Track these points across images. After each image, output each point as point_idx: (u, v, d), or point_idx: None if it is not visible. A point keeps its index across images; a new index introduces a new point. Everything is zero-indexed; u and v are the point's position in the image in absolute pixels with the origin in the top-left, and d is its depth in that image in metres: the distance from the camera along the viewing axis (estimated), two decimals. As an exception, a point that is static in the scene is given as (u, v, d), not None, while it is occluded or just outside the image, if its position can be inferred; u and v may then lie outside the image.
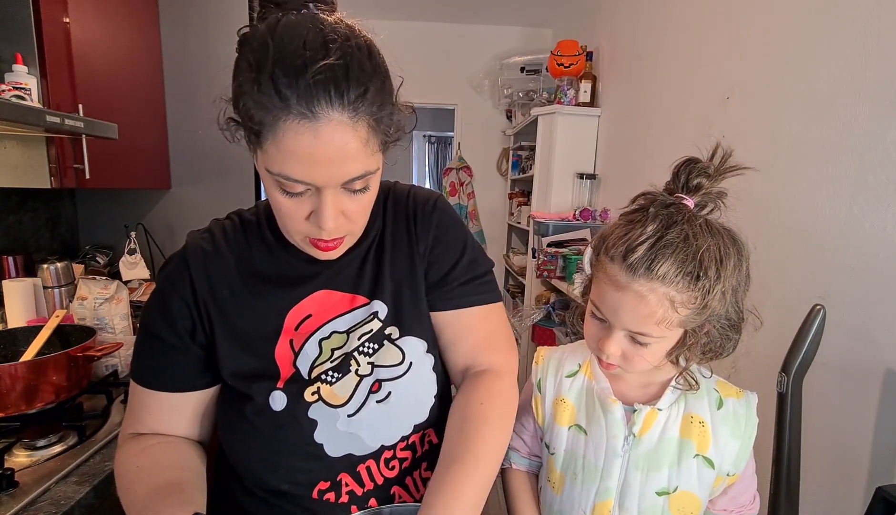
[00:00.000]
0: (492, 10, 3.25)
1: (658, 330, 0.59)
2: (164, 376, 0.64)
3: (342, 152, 0.51)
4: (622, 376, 0.70)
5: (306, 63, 0.48)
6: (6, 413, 0.92)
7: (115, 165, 1.53)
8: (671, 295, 0.57)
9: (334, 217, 0.55)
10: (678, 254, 0.56)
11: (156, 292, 0.65)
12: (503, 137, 3.68)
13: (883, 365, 0.94)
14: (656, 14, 1.92)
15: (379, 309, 0.66)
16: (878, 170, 0.96)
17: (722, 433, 0.65)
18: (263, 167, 0.53)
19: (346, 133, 0.50)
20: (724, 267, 0.57)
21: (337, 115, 0.49)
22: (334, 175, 0.52)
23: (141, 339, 0.66)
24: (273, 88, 0.48)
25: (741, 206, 1.28)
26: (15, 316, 1.30)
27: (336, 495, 0.63)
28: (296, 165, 0.50)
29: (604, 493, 0.67)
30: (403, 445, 0.66)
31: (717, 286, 0.56)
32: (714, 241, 0.58)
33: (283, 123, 0.49)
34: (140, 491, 0.56)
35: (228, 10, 1.82)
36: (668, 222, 0.58)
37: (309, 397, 0.61)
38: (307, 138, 0.49)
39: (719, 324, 0.62)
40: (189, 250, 0.66)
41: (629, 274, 0.58)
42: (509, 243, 3.78)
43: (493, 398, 0.66)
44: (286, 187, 0.53)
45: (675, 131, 1.73)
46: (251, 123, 0.50)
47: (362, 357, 0.65)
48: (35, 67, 1.21)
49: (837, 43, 1.06)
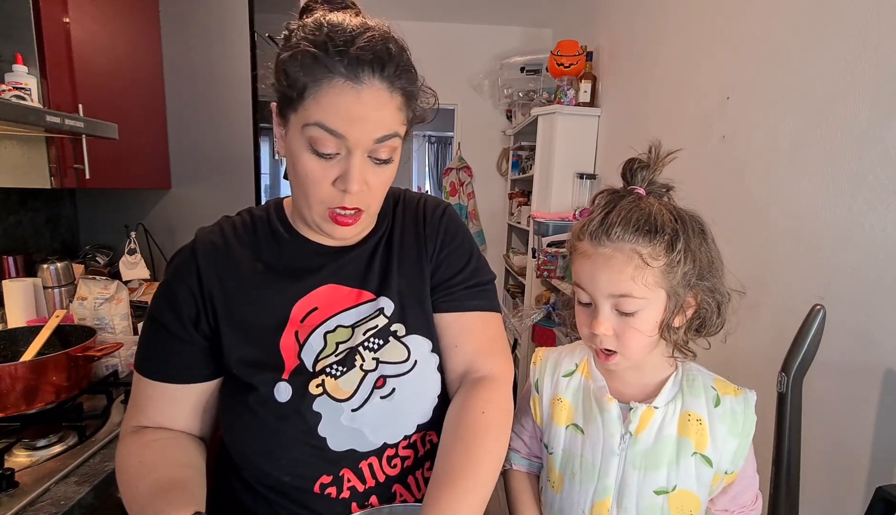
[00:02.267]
0: (492, 10, 3.25)
1: (637, 288, 0.61)
2: (167, 366, 0.65)
3: (377, 112, 0.57)
4: (619, 374, 0.70)
5: (354, 38, 0.56)
6: (6, 413, 0.92)
7: (115, 165, 1.53)
8: (637, 249, 0.61)
9: (360, 181, 0.59)
10: (631, 216, 0.62)
11: (164, 283, 0.67)
12: (503, 137, 3.68)
13: (883, 365, 0.94)
14: (656, 14, 1.92)
15: (385, 305, 0.68)
16: (878, 170, 0.96)
17: (720, 431, 0.65)
18: (299, 126, 0.58)
19: (383, 97, 0.57)
20: (681, 225, 0.62)
21: (378, 83, 0.57)
22: (366, 131, 0.57)
23: (146, 329, 0.67)
24: (325, 49, 0.55)
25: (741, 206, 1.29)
26: (15, 316, 1.30)
27: (337, 490, 0.63)
28: (333, 116, 0.56)
29: (602, 492, 0.67)
30: (406, 443, 0.67)
31: (678, 242, 0.61)
32: (666, 210, 0.63)
33: (330, 81, 0.55)
34: (141, 488, 0.57)
35: (228, 10, 1.82)
36: (617, 201, 0.65)
37: (314, 389, 0.62)
38: (350, 97, 0.56)
39: (703, 291, 0.64)
40: (198, 243, 0.68)
41: (593, 243, 0.63)
42: (509, 243, 3.77)
43: (492, 408, 0.66)
44: (319, 145, 0.57)
45: (675, 131, 1.73)
46: (297, 79, 0.56)
47: (367, 352, 0.66)
48: (35, 66, 1.21)
49: (837, 43, 1.06)
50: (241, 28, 1.83)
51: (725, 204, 1.39)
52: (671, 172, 0.68)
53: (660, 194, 0.67)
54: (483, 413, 0.64)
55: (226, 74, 1.84)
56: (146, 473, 0.58)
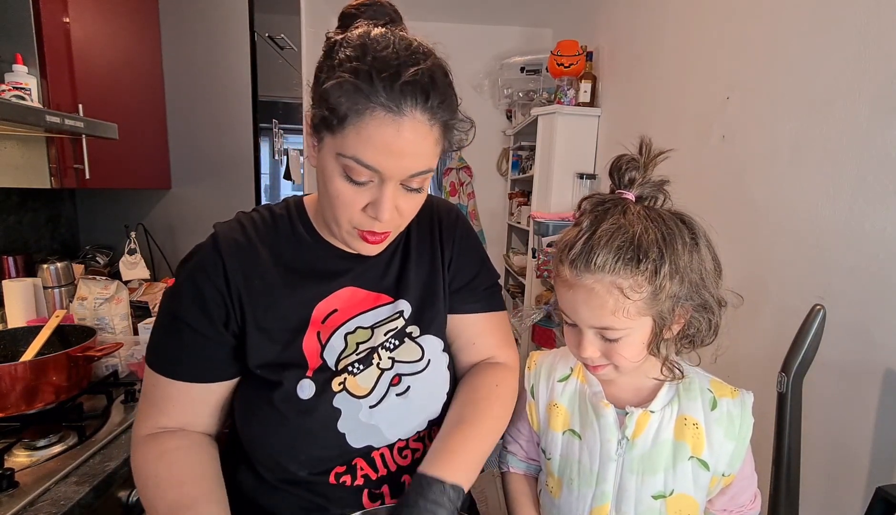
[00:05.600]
0: (492, 10, 3.25)
1: (619, 321, 0.59)
2: (194, 366, 0.64)
3: (415, 148, 0.57)
4: (614, 379, 0.69)
5: (399, 68, 0.54)
6: (6, 413, 0.92)
7: (115, 165, 1.53)
8: (617, 282, 0.57)
9: (391, 210, 0.60)
10: (613, 242, 0.57)
11: (187, 281, 0.65)
12: (503, 137, 3.68)
13: (883, 365, 0.94)
14: (656, 14, 1.92)
15: (404, 308, 0.71)
16: (878, 170, 0.96)
17: (716, 435, 0.64)
18: (334, 152, 0.57)
19: (423, 132, 0.57)
20: (669, 246, 0.57)
21: (419, 115, 0.56)
22: (402, 167, 0.57)
23: (167, 328, 0.65)
24: (370, 80, 0.54)
25: (741, 206, 1.29)
26: (15, 316, 1.30)
27: (352, 478, 0.65)
28: (370, 150, 0.55)
29: (600, 497, 0.67)
30: (416, 437, 0.69)
31: (663, 267, 0.56)
32: (653, 225, 0.58)
33: (372, 112, 0.54)
34: (161, 508, 0.58)
35: (229, 10, 1.82)
36: (602, 216, 0.60)
37: (335, 386, 0.64)
38: (390, 130, 0.55)
39: (691, 307, 0.61)
40: (221, 240, 0.66)
41: (573, 272, 0.60)
42: (509, 243, 3.78)
43: (505, 385, 0.73)
44: (352, 174, 0.57)
45: (675, 131, 1.73)
46: (338, 107, 0.55)
47: (384, 352, 0.68)
48: (35, 67, 1.21)
49: (837, 43, 1.06)
50: (241, 28, 1.83)
51: (725, 204, 1.39)
52: (671, 172, 0.67)
53: (653, 196, 0.63)
54: (497, 386, 0.72)
55: (226, 74, 1.84)
56: (162, 492, 0.59)
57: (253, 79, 1.86)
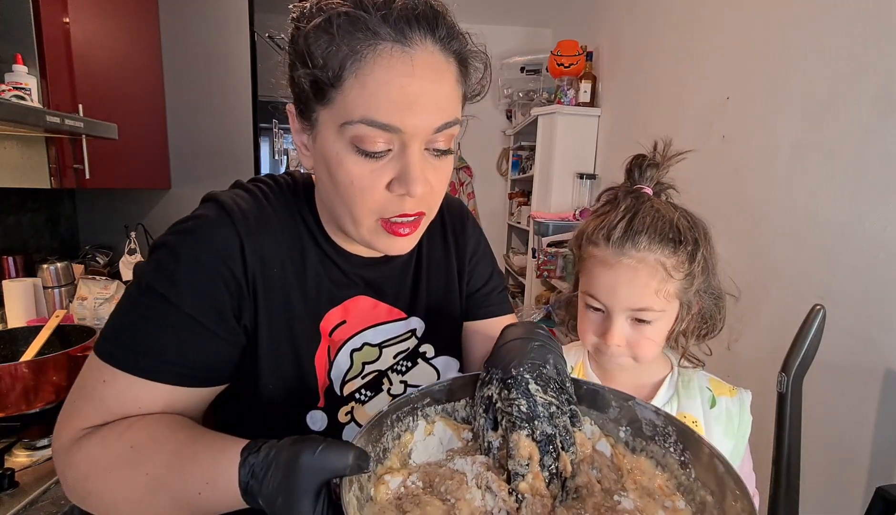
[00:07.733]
0: (492, 10, 3.25)
1: (658, 301, 0.60)
2: (186, 366, 0.49)
3: (435, 87, 0.46)
4: (615, 376, 0.69)
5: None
6: (6, 413, 0.92)
7: (115, 165, 1.53)
8: (662, 260, 0.59)
9: (423, 180, 0.48)
10: (655, 224, 0.60)
11: (188, 259, 0.49)
12: (503, 137, 3.68)
13: (883, 365, 0.94)
14: (656, 14, 1.92)
15: (417, 326, 0.65)
16: (878, 170, 0.96)
17: (715, 433, 0.65)
18: (336, 125, 0.47)
19: (440, 67, 0.46)
20: (698, 233, 0.61)
21: (430, 45, 0.46)
22: (425, 120, 0.46)
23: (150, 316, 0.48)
24: (360, 20, 0.44)
25: (741, 206, 1.29)
26: (15, 316, 1.30)
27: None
28: (383, 103, 0.44)
29: None
30: None
31: (698, 251, 0.60)
32: (680, 214, 0.62)
33: (373, 51, 0.44)
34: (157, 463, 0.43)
35: (229, 11, 1.82)
36: (637, 202, 0.62)
37: (342, 417, 0.58)
38: (402, 67, 0.44)
39: (707, 295, 0.64)
40: (233, 212, 0.52)
41: (617, 251, 0.60)
42: (509, 243, 3.78)
43: None
44: (365, 144, 0.46)
45: (675, 131, 1.73)
46: (330, 57, 0.45)
47: (395, 375, 0.62)
48: (35, 67, 1.21)
49: (837, 43, 1.06)
50: (241, 28, 1.83)
51: (725, 204, 1.39)
52: (671, 172, 0.68)
53: (663, 193, 0.67)
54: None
55: (226, 74, 1.84)
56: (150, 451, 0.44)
57: (253, 79, 1.86)
